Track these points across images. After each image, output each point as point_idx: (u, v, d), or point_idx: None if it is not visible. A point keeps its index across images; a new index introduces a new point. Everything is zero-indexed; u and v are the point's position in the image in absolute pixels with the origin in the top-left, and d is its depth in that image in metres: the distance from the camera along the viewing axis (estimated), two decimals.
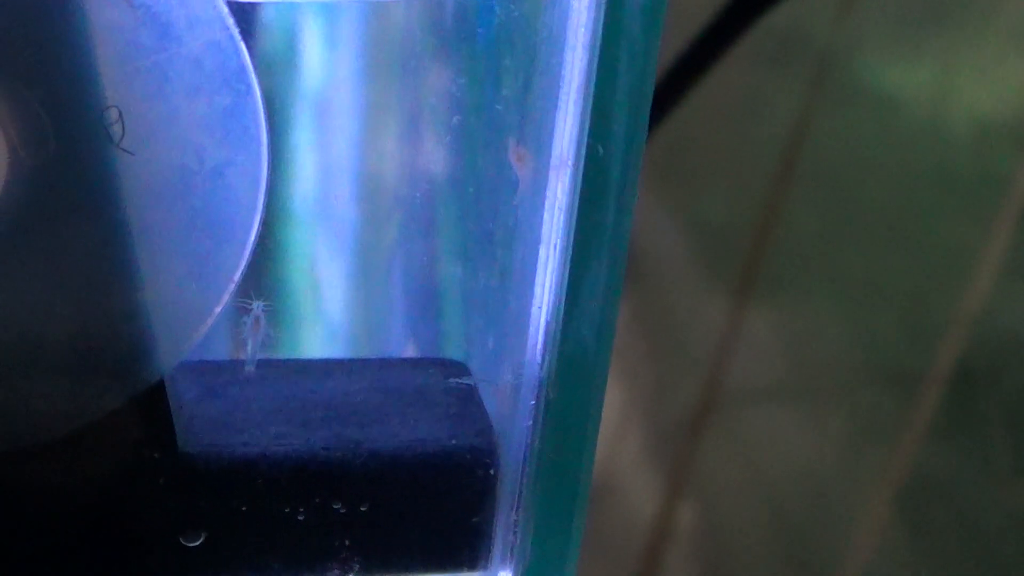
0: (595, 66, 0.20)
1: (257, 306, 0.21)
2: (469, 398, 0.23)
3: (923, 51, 0.64)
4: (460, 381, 0.23)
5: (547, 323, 0.22)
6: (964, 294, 0.59)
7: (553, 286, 0.21)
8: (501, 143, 0.21)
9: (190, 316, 0.20)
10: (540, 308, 0.22)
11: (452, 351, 0.25)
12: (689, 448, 0.70)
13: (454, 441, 0.23)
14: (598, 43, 0.19)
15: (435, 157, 0.23)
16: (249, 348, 0.22)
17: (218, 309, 0.20)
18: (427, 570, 0.23)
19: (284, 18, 0.25)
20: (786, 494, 0.67)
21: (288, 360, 0.24)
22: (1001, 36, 0.61)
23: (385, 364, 0.25)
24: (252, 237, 0.20)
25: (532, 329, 0.22)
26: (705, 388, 0.70)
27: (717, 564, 0.69)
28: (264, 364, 0.23)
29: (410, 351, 0.27)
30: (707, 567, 0.69)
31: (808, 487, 0.66)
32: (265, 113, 0.20)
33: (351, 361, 0.25)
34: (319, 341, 0.26)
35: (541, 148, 0.21)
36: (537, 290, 0.22)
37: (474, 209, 0.23)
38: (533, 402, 0.22)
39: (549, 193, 0.21)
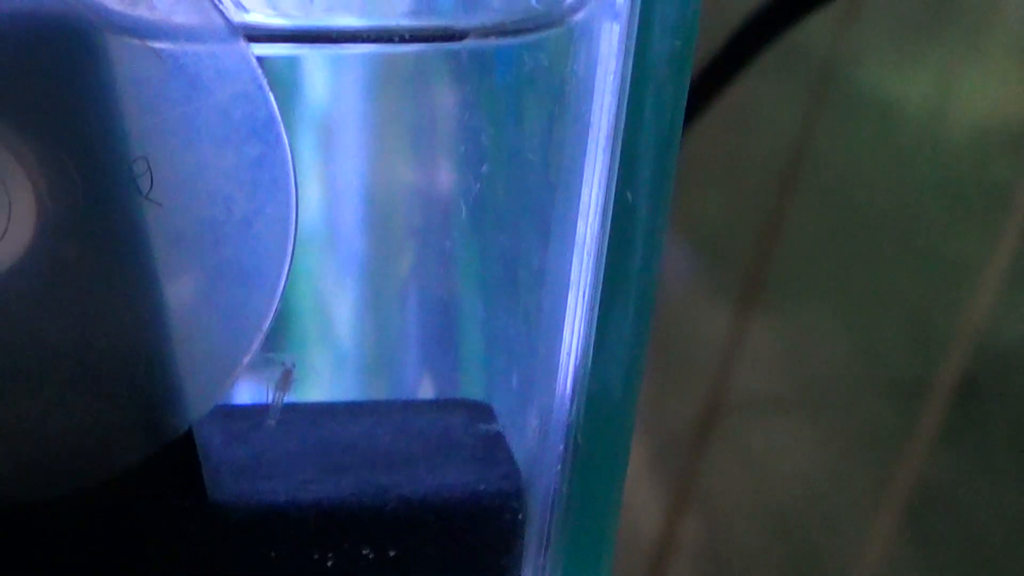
0: (623, 114, 0.20)
1: (288, 360, 0.21)
2: (496, 442, 0.23)
3: (923, 62, 0.64)
4: (489, 427, 0.23)
5: (575, 368, 0.22)
6: (967, 304, 0.59)
7: (581, 332, 0.21)
8: (533, 191, 0.21)
9: (219, 365, 0.20)
10: (568, 354, 0.22)
11: (480, 396, 0.25)
12: (693, 460, 0.70)
13: (481, 486, 0.22)
14: (626, 91, 0.19)
15: (472, 206, 0.23)
16: (273, 400, 0.22)
17: (247, 358, 0.20)
18: None
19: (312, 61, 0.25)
20: (790, 505, 0.67)
21: (314, 404, 0.24)
22: (1000, 46, 0.61)
23: (411, 407, 0.25)
24: (281, 286, 0.20)
25: (560, 374, 0.22)
26: (708, 400, 0.70)
27: None
28: (290, 409, 0.23)
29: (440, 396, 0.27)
30: None
31: (812, 498, 0.66)
32: (293, 163, 0.19)
33: (377, 403, 0.25)
34: (347, 383, 0.26)
35: (571, 194, 0.21)
36: (565, 335, 0.22)
37: (504, 257, 0.23)
38: (561, 446, 0.22)
39: (578, 239, 0.21)
